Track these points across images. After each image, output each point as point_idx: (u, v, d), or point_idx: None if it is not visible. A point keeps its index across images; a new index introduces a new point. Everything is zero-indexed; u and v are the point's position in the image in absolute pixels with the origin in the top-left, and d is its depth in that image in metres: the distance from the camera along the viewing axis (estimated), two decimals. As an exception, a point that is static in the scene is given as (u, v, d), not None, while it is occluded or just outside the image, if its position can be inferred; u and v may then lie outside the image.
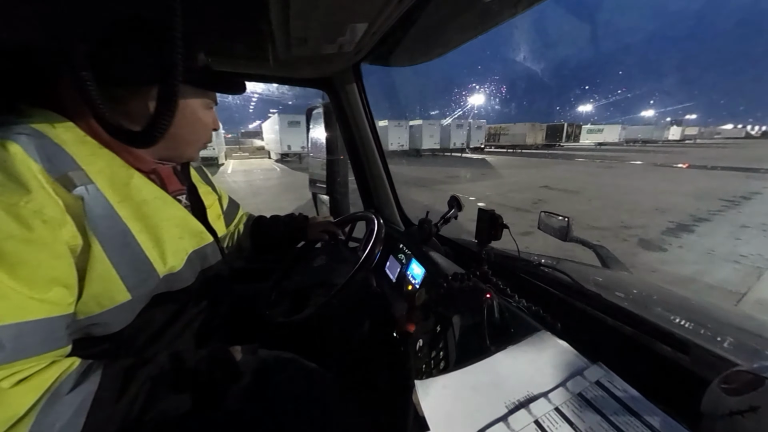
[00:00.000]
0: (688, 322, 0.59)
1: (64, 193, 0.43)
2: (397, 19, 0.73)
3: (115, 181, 0.50)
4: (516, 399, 0.38)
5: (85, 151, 0.48)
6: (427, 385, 0.41)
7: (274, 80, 1.20)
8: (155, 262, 0.53)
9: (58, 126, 0.47)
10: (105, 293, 0.47)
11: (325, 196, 1.45)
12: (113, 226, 0.48)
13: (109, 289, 0.47)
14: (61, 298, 0.42)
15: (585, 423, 0.34)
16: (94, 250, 0.45)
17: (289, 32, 0.74)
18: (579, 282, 0.70)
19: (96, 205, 0.46)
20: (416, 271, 0.90)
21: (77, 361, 0.43)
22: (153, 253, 0.53)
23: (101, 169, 0.48)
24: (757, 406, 0.30)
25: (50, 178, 0.42)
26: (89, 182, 0.46)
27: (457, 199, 1.00)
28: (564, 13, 32.78)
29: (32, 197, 0.40)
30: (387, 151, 1.39)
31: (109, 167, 0.50)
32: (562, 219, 1.03)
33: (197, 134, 0.63)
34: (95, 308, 0.47)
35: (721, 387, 0.34)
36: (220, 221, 0.79)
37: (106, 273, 0.47)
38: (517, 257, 0.86)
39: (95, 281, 0.46)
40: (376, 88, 20.98)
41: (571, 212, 4.49)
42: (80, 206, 0.44)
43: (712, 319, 0.70)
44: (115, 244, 0.48)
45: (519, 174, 11.55)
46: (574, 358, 0.44)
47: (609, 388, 0.39)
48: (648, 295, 0.81)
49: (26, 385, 0.37)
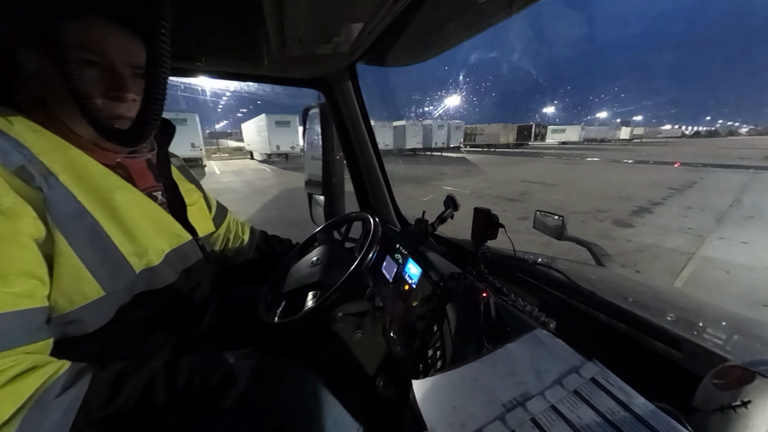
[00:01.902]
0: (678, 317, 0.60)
1: (21, 185, 0.42)
2: (392, 19, 0.73)
3: (79, 175, 0.48)
4: (513, 397, 0.38)
5: (43, 145, 0.46)
6: (425, 385, 0.41)
7: (269, 80, 1.20)
8: (129, 257, 0.51)
9: (12, 120, 0.45)
10: (75, 289, 0.46)
11: (320, 196, 1.44)
12: (79, 219, 0.47)
13: (79, 284, 0.46)
14: (33, 290, 0.41)
15: (581, 420, 0.35)
16: (59, 244, 0.44)
17: (284, 32, 0.74)
18: (574, 280, 0.71)
19: (58, 197, 0.45)
20: (413, 270, 0.90)
21: (66, 364, 0.42)
22: (126, 248, 0.51)
23: (63, 163, 0.47)
24: (748, 400, 0.30)
25: (7, 171, 0.41)
26: (49, 174, 0.45)
27: (453, 199, 1.00)
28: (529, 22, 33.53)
29: None
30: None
31: (71, 161, 0.49)
32: (557, 218, 1.04)
33: None
34: (67, 305, 0.46)
35: (713, 382, 0.34)
36: (204, 219, 0.77)
37: (74, 267, 0.45)
38: (512, 256, 0.86)
39: (63, 276, 0.45)
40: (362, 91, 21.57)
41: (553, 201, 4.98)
42: (41, 198, 0.43)
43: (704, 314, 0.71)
44: (82, 238, 0.46)
45: (499, 170, 12.61)
46: (569, 356, 0.44)
47: (604, 384, 0.39)
48: (641, 293, 0.82)
49: (11, 388, 0.36)
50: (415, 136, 22.56)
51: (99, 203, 0.50)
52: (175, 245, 0.61)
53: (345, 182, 1.41)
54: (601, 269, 1.08)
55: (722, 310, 0.76)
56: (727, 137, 74.48)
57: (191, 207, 0.72)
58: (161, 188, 0.66)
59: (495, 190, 7.88)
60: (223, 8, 0.65)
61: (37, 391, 0.38)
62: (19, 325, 0.40)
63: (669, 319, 0.60)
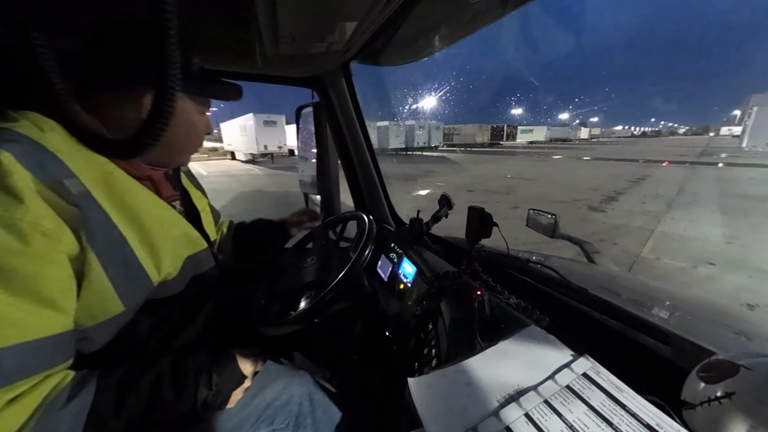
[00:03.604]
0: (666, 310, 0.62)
1: (59, 202, 0.41)
2: (386, 18, 0.73)
3: (109, 188, 0.48)
4: (507, 393, 0.39)
5: (77, 157, 0.45)
6: (420, 383, 0.42)
7: (262, 79, 1.19)
8: (150, 271, 0.51)
9: (47, 131, 0.44)
10: (99, 305, 0.45)
11: (316, 195, 1.43)
12: (109, 236, 0.46)
13: (103, 300, 0.46)
14: (66, 311, 0.40)
15: (573, 414, 0.35)
16: (91, 261, 0.43)
17: (277, 30, 0.73)
18: (566, 277, 0.72)
19: (93, 214, 0.44)
20: (408, 269, 0.91)
21: (71, 373, 0.41)
22: (147, 262, 0.51)
23: (95, 176, 0.46)
24: (733, 392, 0.31)
25: (45, 188, 0.40)
26: (84, 190, 0.44)
27: (447, 198, 1.01)
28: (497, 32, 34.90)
29: (29, 209, 0.37)
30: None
31: (103, 174, 0.48)
32: (550, 216, 1.06)
33: (191, 140, 0.61)
34: (87, 321, 0.45)
35: (699, 375, 0.35)
36: (211, 226, 0.77)
37: (101, 284, 0.45)
38: (506, 254, 0.87)
39: (90, 293, 0.44)
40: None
41: (537, 193, 5.80)
42: (77, 215, 0.42)
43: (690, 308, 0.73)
44: (111, 254, 0.46)
45: (480, 168, 13.55)
46: (562, 352, 0.45)
47: (595, 379, 0.40)
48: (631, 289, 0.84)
49: (19, 403, 0.35)
50: (397, 136, 23.30)
51: (127, 218, 0.49)
52: (191, 252, 0.61)
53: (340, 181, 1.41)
54: (592, 266, 1.10)
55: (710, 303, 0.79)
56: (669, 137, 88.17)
57: (202, 213, 0.72)
58: (179, 197, 0.67)
59: (483, 185, 8.61)
60: (214, 5, 0.64)
61: (44, 401, 0.37)
62: (45, 351, 0.39)
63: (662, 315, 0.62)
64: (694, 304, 0.82)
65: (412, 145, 24.29)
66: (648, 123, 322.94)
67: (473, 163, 15.93)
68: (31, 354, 0.37)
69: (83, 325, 0.44)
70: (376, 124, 22.82)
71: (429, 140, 25.75)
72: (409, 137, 24.14)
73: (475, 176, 10.74)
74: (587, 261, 1.13)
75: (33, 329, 0.37)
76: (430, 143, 26.03)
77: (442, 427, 0.35)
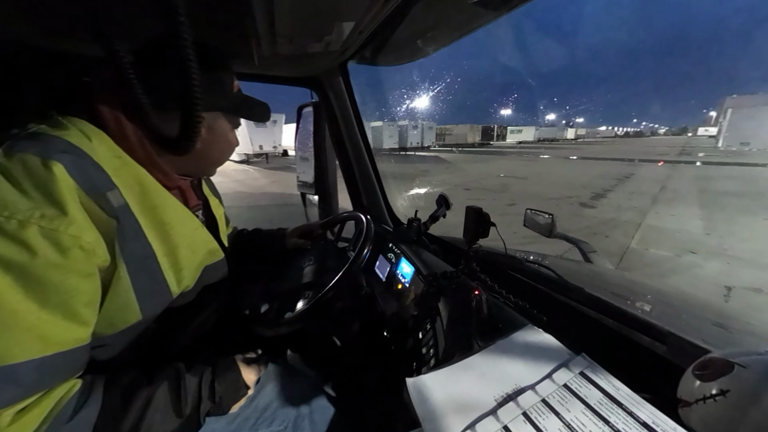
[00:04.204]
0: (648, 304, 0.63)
1: (101, 214, 0.41)
2: (384, 19, 0.73)
3: (144, 200, 0.48)
4: (505, 392, 0.39)
5: (119, 168, 0.45)
6: (418, 382, 0.42)
7: (260, 79, 1.18)
8: (171, 284, 0.51)
9: (94, 140, 0.44)
10: (119, 314, 0.45)
11: (314, 195, 1.43)
12: (139, 248, 0.46)
13: (125, 311, 0.46)
14: (88, 324, 0.40)
15: (570, 413, 0.36)
16: (120, 273, 0.43)
17: (275, 30, 0.73)
18: (563, 277, 0.73)
19: (128, 227, 0.44)
20: (406, 270, 0.91)
21: (77, 384, 0.41)
22: (170, 275, 0.51)
23: (131, 186, 0.46)
24: (727, 389, 0.31)
25: (89, 200, 0.40)
26: (123, 202, 0.44)
27: (445, 198, 1.01)
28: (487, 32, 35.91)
29: (72, 222, 0.37)
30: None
31: (139, 184, 0.48)
32: (547, 216, 1.06)
33: (224, 153, 0.63)
34: (107, 330, 0.45)
35: (695, 373, 0.36)
36: (225, 234, 0.78)
37: (126, 294, 0.45)
38: (504, 254, 0.88)
39: (114, 302, 0.44)
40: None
41: (530, 191, 6.09)
42: (114, 228, 0.42)
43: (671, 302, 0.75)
44: (140, 267, 0.46)
45: (474, 167, 13.90)
46: (559, 351, 0.45)
47: (592, 378, 0.40)
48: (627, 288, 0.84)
49: (28, 414, 0.35)
50: (391, 136, 23.34)
51: (158, 230, 0.49)
52: (209, 262, 0.61)
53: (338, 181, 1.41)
54: (588, 266, 1.11)
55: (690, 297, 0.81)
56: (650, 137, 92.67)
57: (219, 222, 0.72)
58: (201, 206, 0.67)
59: (478, 184, 8.96)
60: (211, 4, 0.64)
61: (51, 412, 0.36)
62: (62, 366, 0.38)
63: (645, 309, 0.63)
64: (675, 299, 0.85)
65: (405, 145, 24.49)
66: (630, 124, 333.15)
67: (466, 162, 16.25)
68: (50, 369, 0.37)
69: (102, 333, 0.44)
70: (371, 124, 23.02)
71: (422, 140, 26.06)
72: (403, 137, 24.30)
73: (470, 175, 11.02)
74: (584, 260, 1.13)
75: (55, 343, 0.37)
76: (423, 143, 26.34)
77: (441, 426, 0.36)
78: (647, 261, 3.37)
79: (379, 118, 25.62)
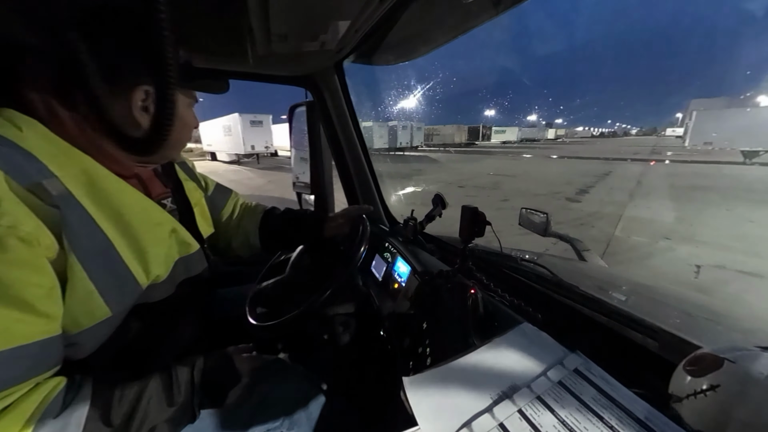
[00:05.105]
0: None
1: (38, 204, 0.39)
2: (379, 18, 0.73)
3: (92, 188, 0.45)
4: (500, 390, 0.39)
5: (57, 156, 0.43)
6: (415, 381, 0.42)
7: (254, 78, 1.17)
8: (138, 275, 0.49)
9: (25, 129, 0.42)
10: (83, 310, 0.44)
11: (310, 195, 1.43)
12: (92, 239, 0.44)
13: (89, 306, 0.44)
14: (50, 316, 0.39)
15: (565, 410, 0.36)
16: (73, 266, 0.42)
17: (269, 28, 0.72)
18: (557, 275, 0.73)
19: (74, 216, 0.42)
20: (402, 269, 0.91)
21: (63, 381, 0.40)
22: (135, 265, 0.49)
23: (75, 175, 0.44)
24: (717, 384, 0.32)
25: (23, 190, 0.38)
26: (65, 191, 0.42)
27: (441, 198, 1.01)
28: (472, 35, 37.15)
29: (5, 213, 0.36)
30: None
31: (85, 173, 0.45)
32: (542, 215, 1.07)
33: (182, 134, 0.59)
34: (72, 328, 0.43)
35: (686, 369, 0.36)
36: (206, 221, 0.74)
37: (85, 288, 0.43)
38: (499, 253, 0.88)
39: (73, 298, 0.42)
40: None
41: (520, 188, 6.55)
42: (57, 217, 0.40)
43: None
44: (95, 258, 0.44)
45: (464, 166, 14.51)
46: (554, 348, 0.46)
47: (586, 375, 0.41)
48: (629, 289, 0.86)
49: (14, 412, 0.34)
50: (381, 136, 23.43)
51: (113, 219, 0.47)
52: (183, 254, 0.59)
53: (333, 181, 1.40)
54: (582, 264, 1.12)
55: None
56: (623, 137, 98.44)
57: (196, 207, 0.69)
58: (170, 194, 0.64)
59: (471, 182, 9.42)
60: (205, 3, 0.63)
61: (36, 411, 0.36)
62: (31, 358, 0.37)
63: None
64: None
65: (395, 145, 24.72)
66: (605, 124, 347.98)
67: (455, 162, 16.83)
68: (19, 361, 0.36)
69: (69, 332, 0.43)
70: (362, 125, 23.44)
71: (411, 140, 26.42)
72: (393, 137, 24.54)
73: (461, 174, 11.45)
74: (578, 258, 1.15)
75: (18, 336, 0.36)
76: (412, 143, 26.70)
77: (437, 424, 0.36)
78: (630, 246, 3.90)
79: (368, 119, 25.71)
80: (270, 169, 13.42)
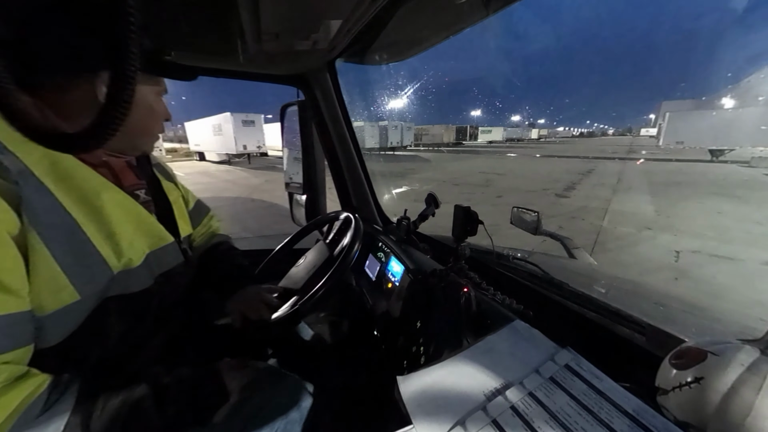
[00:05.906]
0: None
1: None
2: (372, 17, 0.73)
3: (55, 169, 0.45)
4: (493, 387, 0.40)
5: (18, 139, 0.40)
6: (409, 380, 0.42)
7: (245, 76, 1.16)
8: (108, 257, 0.48)
9: None
10: (48, 292, 0.42)
11: (302, 195, 1.41)
12: (55, 217, 0.43)
13: (53, 287, 0.43)
14: (14, 290, 0.38)
15: (556, 404, 0.37)
16: (33, 243, 0.41)
17: (260, 26, 0.72)
18: (548, 272, 0.74)
19: (35, 193, 0.42)
20: (395, 268, 0.91)
21: (48, 378, 0.40)
22: (104, 247, 0.48)
23: (39, 157, 0.43)
24: (701, 377, 0.33)
25: None
26: (24, 168, 0.41)
27: (434, 197, 1.02)
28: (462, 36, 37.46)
29: None
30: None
31: (48, 156, 0.44)
32: (533, 214, 1.08)
33: (150, 124, 0.58)
34: (38, 311, 0.42)
35: (671, 362, 0.37)
36: (184, 220, 0.74)
37: (48, 269, 0.42)
38: (491, 251, 0.89)
39: (37, 278, 0.41)
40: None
41: (511, 185, 6.98)
42: (16, 193, 0.40)
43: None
44: (59, 237, 0.43)
45: (454, 165, 14.91)
46: (545, 345, 0.47)
47: (577, 370, 0.41)
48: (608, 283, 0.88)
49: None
50: (372, 136, 23.54)
51: (81, 203, 0.46)
52: (155, 247, 0.58)
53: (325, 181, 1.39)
54: (572, 261, 1.14)
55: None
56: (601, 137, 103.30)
57: (174, 205, 0.69)
58: (144, 186, 0.63)
59: (463, 179, 9.77)
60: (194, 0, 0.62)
61: (17, 408, 0.35)
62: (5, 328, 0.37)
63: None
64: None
65: (386, 145, 24.89)
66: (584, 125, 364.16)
67: (445, 161, 17.13)
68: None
69: (35, 314, 0.42)
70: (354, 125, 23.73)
71: (402, 140, 26.68)
72: (383, 137, 24.70)
73: (453, 173, 11.80)
74: (568, 256, 1.17)
75: None
76: (403, 143, 26.96)
77: (432, 423, 0.36)
78: (617, 235, 4.32)
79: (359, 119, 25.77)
80: (262, 169, 13.30)
